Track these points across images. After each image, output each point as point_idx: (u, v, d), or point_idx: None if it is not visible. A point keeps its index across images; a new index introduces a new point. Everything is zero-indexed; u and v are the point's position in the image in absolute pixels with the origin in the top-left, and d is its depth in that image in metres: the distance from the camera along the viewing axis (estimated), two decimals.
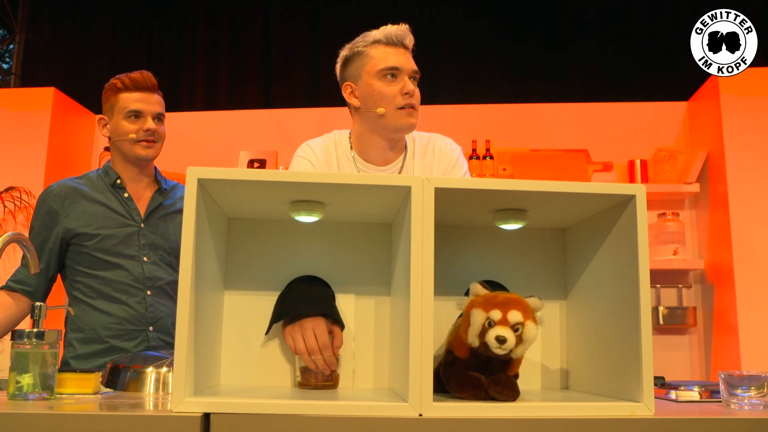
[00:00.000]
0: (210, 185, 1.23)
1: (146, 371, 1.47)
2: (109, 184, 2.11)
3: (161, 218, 2.12)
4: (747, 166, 3.24)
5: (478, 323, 1.19)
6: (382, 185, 1.22)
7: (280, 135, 3.84)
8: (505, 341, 1.16)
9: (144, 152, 2.08)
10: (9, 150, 3.62)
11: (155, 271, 2.07)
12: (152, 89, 2.11)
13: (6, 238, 1.51)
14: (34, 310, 1.41)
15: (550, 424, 1.11)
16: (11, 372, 1.27)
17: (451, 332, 1.31)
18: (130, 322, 2.03)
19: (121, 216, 2.08)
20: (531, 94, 4.02)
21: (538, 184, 1.23)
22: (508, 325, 1.17)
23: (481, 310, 1.19)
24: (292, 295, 1.42)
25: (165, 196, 2.16)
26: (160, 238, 2.10)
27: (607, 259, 1.34)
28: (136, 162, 2.10)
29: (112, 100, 2.09)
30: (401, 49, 1.90)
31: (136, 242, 2.07)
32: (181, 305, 1.14)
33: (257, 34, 4.60)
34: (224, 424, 1.08)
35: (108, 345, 2.01)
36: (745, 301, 3.12)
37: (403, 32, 1.90)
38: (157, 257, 2.08)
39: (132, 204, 2.10)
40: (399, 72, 1.87)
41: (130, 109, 2.06)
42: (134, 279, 2.04)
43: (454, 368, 1.22)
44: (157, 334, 2.05)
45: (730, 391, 1.28)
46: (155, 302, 2.06)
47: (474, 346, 1.19)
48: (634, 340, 1.19)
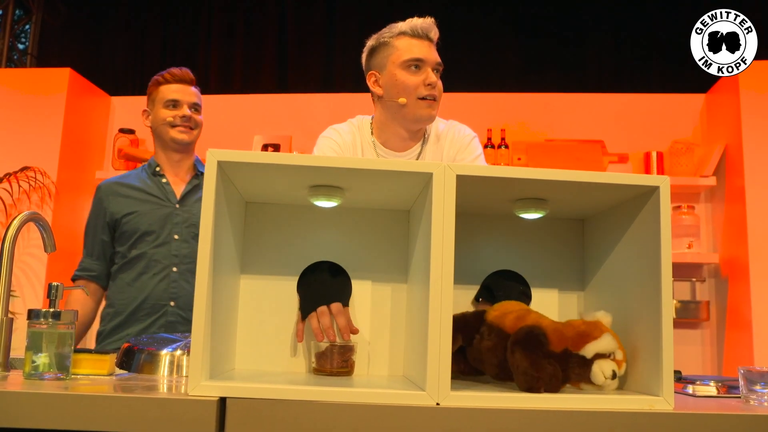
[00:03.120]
0: (229, 168, 1.21)
1: (161, 354, 1.47)
2: (150, 173, 2.32)
3: (196, 201, 2.28)
4: (765, 161, 3.20)
5: (605, 347, 1.19)
6: (403, 171, 1.20)
7: (294, 120, 3.82)
8: (615, 377, 1.18)
9: (180, 136, 2.27)
10: (24, 130, 3.63)
11: (184, 249, 2.23)
12: (190, 82, 2.33)
13: (23, 217, 1.50)
14: (51, 290, 1.41)
15: (568, 415, 1.09)
16: (27, 351, 1.27)
17: (536, 316, 1.27)
18: (153, 297, 2.18)
19: (157, 198, 2.27)
20: (547, 83, 3.98)
21: (560, 173, 1.21)
22: (620, 369, 1.20)
23: (616, 342, 1.20)
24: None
25: (202, 179, 2.28)
26: (194, 218, 2.25)
27: (628, 251, 1.32)
28: (175, 147, 2.29)
29: (154, 94, 2.31)
30: (426, 41, 1.94)
31: (170, 221, 2.24)
32: (199, 289, 1.13)
33: (272, 19, 4.56)
34: (240, 408, 1.08)
35: (132, 318, 2.18)
36: (760, 296, 3.09)
37: (428, 25, 1.94)
38: (189, 235, 2.24)
39: (169, 188, 2.29)
40: (423, 63, 1.92)
41: (168, 99, 2.28)
42: (163, 256, 2.21)
43: (537, 345, 1.20)
44: (177, 309, 2.19)
45: (750, 387, 1.27)
46: (179, 278, 2.20)
47: (584, 356, 1.18)
48: (655, 333, 1.18)
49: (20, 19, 4.95)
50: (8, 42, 4.82)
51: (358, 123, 2.04)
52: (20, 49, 5.00)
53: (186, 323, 2.17)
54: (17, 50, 4.96)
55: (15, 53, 4.93)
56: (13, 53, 4.91)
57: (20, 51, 4.97)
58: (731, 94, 3.33)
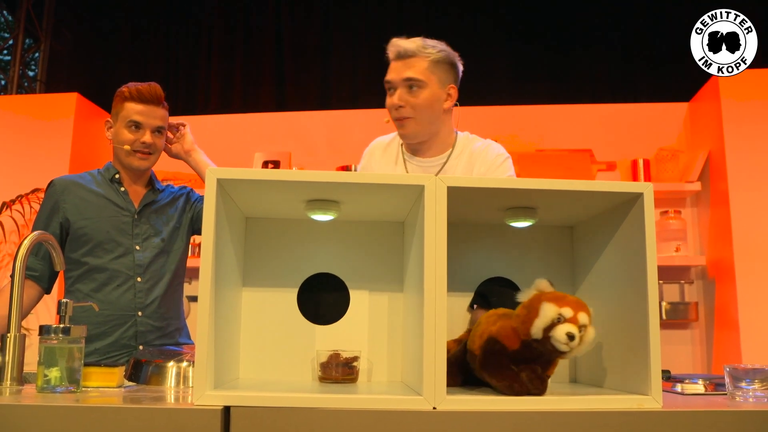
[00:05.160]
0: (229, 185, 1.22)
1: (167, 365, 1.47)
2: (108, 178, 2.15)
3: (153, 212, 2.16)
4: (747, 165, 3.21)
5: (547, 317, 1.15)
6: (395, 184, 1.21)
7: (292, 137, 3.84)
8: (574, 338, 1.13)
9: (137, 163, 2.10)
10: (35, 153, 3.65)
11: (146, 259, 2.09)
12: (156, 102, 2.11)
13: (33, 237, 1.51)
14: (60, 306, 1.41)
15: (559, 416, 1.09)
16: (39, 366, 1.27)
17: (489, 322, 1.26)
18: (120, 309, 2.05)
19: (116, 206, 2.11)
20: (537, 95, 4.00)
21: (548, 183, 1.21)
22: (577, 324, 1.15)
23: (554, 305, 1.15)
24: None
25: (157, 194, 2.19)
26: (151, 229, 2.13)
27: (615, 256, 1.32)
28: (129, 169, 2.14)
29: (118, 107, 2.11)
30: (396, 62, 1.99)
31: (130, 231, 2.10)
32: (202, 302, 1.13)
33: (270, 41, 4.59)
34: (244, 416, 1.08)
35: (97, 331, 2.02)
36: (746, 296, 3.09)
37: (393, 46, 1.99)
38: (149, 246, 2.11)
39: (127, 197, 2.14)
40: (390, 84, 1.99)
41: (131, 120, 2.08)
42: (126, 267, 2.07)
43: (497, 357, 1.19)
44: (146, 319, 2.07)
45: (735, 384, 1.27)
46: (144, 289, 2.08)
47: (536, 338, 1.15)
48: (642, 334, 1.18)
49: (30, 47, 4.98)
50: (18, 70, 4.85)
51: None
52: (30, 76, 5.02)
53: (156, 331, 2.08)
54: (27, 77, 4.99)
55: (25, 80, 4.96)
56: (24, 80, 4.94)
57: (30, 78, 4.99)
58: (713, 102, 3.35)
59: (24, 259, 1.47)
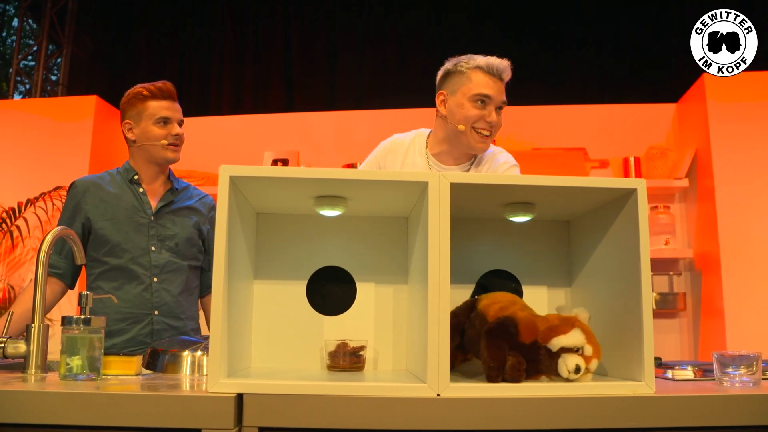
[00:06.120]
0: (240, 182, 1.21)
1: (183, 355, 1.46)
2: (127, 180, 2.12)
3: (169, 213, 2.13)
4: (732, 163, 3.19)
5: (572, 341, 1.15)
6: (401, 180, 1.19)
7: (300, 136, 3.82)
8: (578, 372, 1.14)
9: (172, 155, 2.10)
10: (57, 153, 3.65)
11: (162, 260, 2.07)
12: (175, 97, 2.14)
13: (55, 232, 1.50)
14: (81, 298, 1.40)
15: (558, 402, 1.08)
16: (62, 355, 1.27)
17: (517, 306, 1.23)
18: (137, 307, 2.03)
19: (134, 208, 2.09)
20: (532, 96, 3.98)
21: (546, 179, 1.20)
22: (587, 365, 1.15)
23: (584, 336, 1.16)
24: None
25: (176, 195, 2.16)
26: (168, 231, 2.10)
27: (610, 249, 1.31)
28: (162, 163, 2.12)
29: (140, 107, 2.09)
30: (498, 81, 1.96)
31: (146, 233, 2.07)
32: (216, 294, 1.12)
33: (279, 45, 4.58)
34: (257, 403, 1.07)
35: (116, 328, 2.01)
36: (731, 287, 3.08)
37: (504, 67, 1.98)
38: (164, 248, 2.08)
39: (145, 198, 2.11)
40: (489, 101, 1.95)
41: (160, 116, 2.08)
42: (142, 267, 2.05)
43: (506, 336, 1.16)
44: (162, 318, 2.05)
45: (723, 370, 1.26)
46: (160, 288, 2.06)
47: (550, 349, 1.15)
48: (636, 323, 1.17)
49: (53, 53, 4.99)
50: (42, 74, 4.85)
51: (416, 134, 2.08)
52: (53, 80, 5.03)
53: (172, 330, 2.06)
54: (50, 81, 4.99)
55: (48, 84, 4.96)
56: (47, 84, 4.94)
57: (53, 82, 4.99)
58: (699, 103, 3.33)
59: (47, 253, 1.46)
